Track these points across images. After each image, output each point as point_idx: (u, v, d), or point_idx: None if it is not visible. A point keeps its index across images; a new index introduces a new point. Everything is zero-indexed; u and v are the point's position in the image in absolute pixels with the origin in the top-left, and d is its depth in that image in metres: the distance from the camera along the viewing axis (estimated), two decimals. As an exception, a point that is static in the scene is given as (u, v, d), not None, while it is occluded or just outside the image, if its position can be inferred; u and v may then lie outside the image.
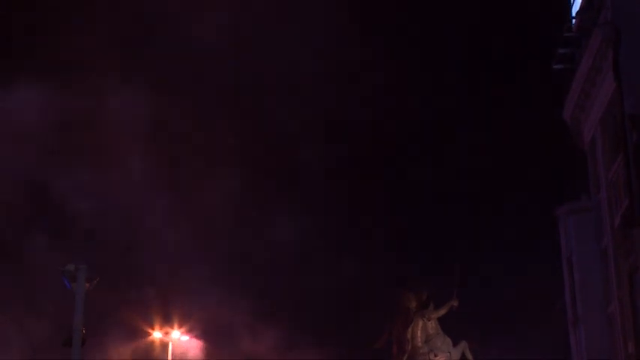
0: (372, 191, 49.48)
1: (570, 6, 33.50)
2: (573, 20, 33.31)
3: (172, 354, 43.56)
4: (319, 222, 47.81)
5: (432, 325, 27.65)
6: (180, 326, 43.40)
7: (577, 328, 31.64)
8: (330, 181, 48.36)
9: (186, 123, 44.93)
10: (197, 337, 44.22)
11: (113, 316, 41.56)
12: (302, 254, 47.59)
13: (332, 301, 46.78)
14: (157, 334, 43.01)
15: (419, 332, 27.39)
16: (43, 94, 39.64)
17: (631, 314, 27.48)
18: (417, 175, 49.33)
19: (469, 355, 27.74)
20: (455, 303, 27.80)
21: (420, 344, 27.28)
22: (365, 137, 50.12)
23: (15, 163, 39.94)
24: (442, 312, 27.93)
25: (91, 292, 22.75)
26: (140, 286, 44.20)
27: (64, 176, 42.09)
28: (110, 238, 43.98)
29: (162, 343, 43.36)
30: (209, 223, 46.22)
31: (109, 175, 42.88)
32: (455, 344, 27.73)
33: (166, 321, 43.41)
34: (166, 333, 43.43)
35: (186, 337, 43.84)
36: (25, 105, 39.61)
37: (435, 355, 27.23)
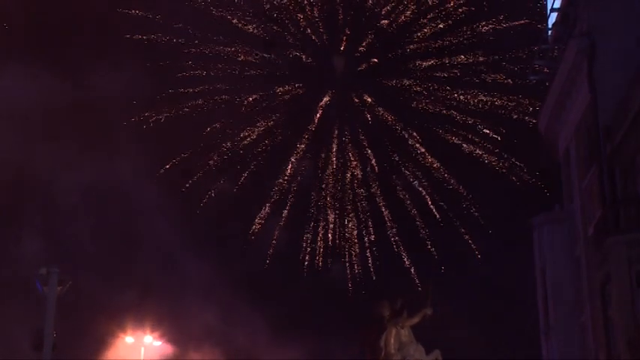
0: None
1: (546, 18, 33.69)
2: (549, 32, 33.52)
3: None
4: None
5: (405, 333, 27.57)
6: (152, 331, 43.08)
7: (549, 337, 31.73)
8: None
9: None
10: (169, 342, 43.96)
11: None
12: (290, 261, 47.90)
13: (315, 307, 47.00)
14: (128, 339, 42.63)
15: (392, 340, 27.34)
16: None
17: (603, 324, 27.57)
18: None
19: (441, 363, 27.74)
20: (428, 311, 27.75)
21: (392, 352, 27.22)
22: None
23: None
24: (415, 320, 27.87)
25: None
26: (120, 289, 44.01)
27: (48, 166, 41.73)
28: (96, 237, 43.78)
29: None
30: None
31: (99, 168, 42.69)
32: (428, 352, 27.70)
33: (139, 325, 43.02)
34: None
35: (158, 342, 43.54)
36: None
37: (408, 363, 27.20)
